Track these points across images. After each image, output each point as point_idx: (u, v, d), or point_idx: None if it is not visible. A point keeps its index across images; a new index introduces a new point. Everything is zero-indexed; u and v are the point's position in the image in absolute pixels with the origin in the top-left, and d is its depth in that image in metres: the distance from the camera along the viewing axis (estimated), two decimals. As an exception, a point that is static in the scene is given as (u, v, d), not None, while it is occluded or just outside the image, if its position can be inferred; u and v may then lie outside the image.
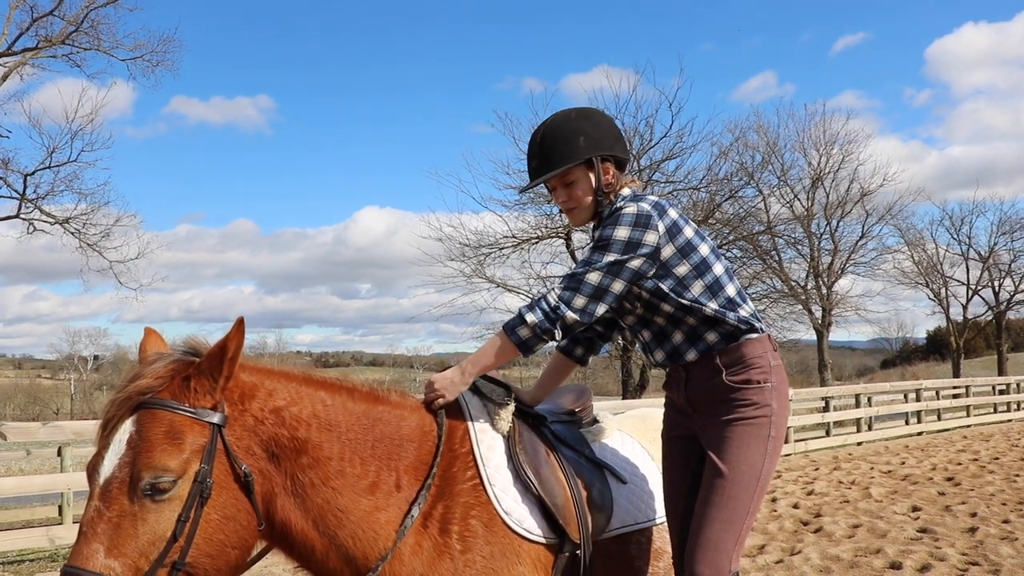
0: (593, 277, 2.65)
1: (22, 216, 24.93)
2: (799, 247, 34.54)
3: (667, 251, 2.70)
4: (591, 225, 3.00)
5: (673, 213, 2.75)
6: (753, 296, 27.55)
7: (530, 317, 2.64)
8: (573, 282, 2.66)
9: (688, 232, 2.75)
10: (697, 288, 2.73)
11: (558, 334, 2.65)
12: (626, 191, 2.87)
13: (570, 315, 2.63)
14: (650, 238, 2.67)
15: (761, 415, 2.72)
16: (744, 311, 2.79)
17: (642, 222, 2.67)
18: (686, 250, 2.72)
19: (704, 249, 2.77)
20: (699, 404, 2.83)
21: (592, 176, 2.84)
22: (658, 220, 2.69)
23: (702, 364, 2.80)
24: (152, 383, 2.23)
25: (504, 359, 2.74)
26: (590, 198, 2.86)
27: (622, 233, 2.66)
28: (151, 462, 2.12)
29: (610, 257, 2.65)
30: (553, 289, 2.70)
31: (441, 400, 2.72)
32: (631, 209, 2.69)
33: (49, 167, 24.91)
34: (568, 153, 2.81)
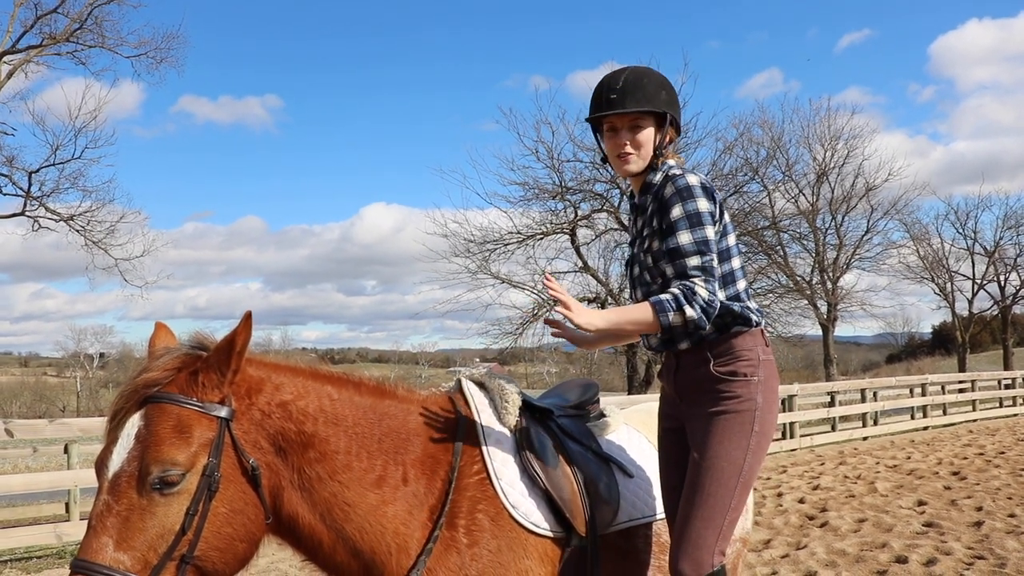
0: (713, 260, 2.65)
1: (27, 213, 24.98)
2: (804, 242, 34.47)
3: (717, 227, 2.75)
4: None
5: (718, 196, 2.79)
6: (758, 291, 27.52)
7: (690, 311, 2.56)
8: (705, 271, 2.63)
9: (726, 217, 2.81)
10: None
11: (708, 327, 2.65)
12: (672, 162, 2.87)
13: (718, 302, 2.63)
14: (715, 209, 2.72)
15: (745, 409, 2.71)
16: (750, 305, 2.81)
17: (709, 194, 2.71)
18: (723, 232, 2.78)
19: (731, 239, 2.82)
20: (686, 393, 2.83)
21: (659, 132, 2.84)
22: (714, 193, 2.74)
23: (693, 353, 2.80)
24: (160, 377, 2.24)
25: (639, 330, 2.75)
26: (650, 151, 2.84)
27: (704, 205, 2.68)
28: (159, 456, 2.13)
29: (708, 232, 2.66)
30: (693, 284, 2.60)
31: (581, 320, 2.53)
32: (694, 180, 2.70)
33: (53, 164, 24.95)
34: (653, 98, 2.82)
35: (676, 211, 2.68)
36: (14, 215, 25.15)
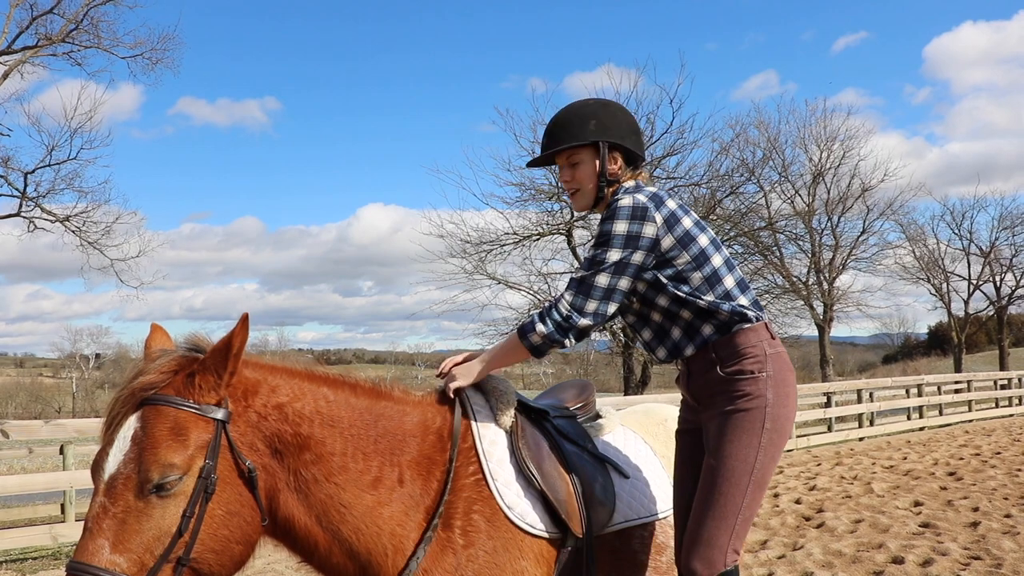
0: (601, 280, 2.68)
1: (23, 214, 24.93)
2: (800, 243, 34.57)
3: (666, 242, 2.70)
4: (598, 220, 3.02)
5: (671, 204, 2.76)
6: (754, 292, 27.52)
7: (540, 328, 2.69)
8: (583, 287, 2.69)
9: (687, 223, 2.75)
10: (695, 280, 2.73)
11: (569, 342, 2.71)
12: (629, 183, 2.87)
13: (583, 322, 2.68)
14: (648, 230, 2.68)
15: (754, 406, 2.70)
16: (742, 300, 2.78)
17: (639, 214, 2.68)
18: (685, 241, 2.72)
19: (703, 240, 2.76)
20: (700, 398, 2.84)
21: (597, 161, 2.86)
22: (655, 211, 2.69)
23: (700, 358, 2.80)
24: (156, 379, 2.23)
25: (517, 359, 2.83)
26: (592, 183, 2.88)
27: (620, 228, 2.67)
28: (156, 458, 2.12)
29: (613, 255, 2.67)
30: (563, 296, 2.72)
31: (454, 384, 2.77)
32: (626, 202, 2.70)
33: (49, 165, 24.89)
34: (577, 133, 2.85)
35: (597, 229, 2.76)
36: (10, 216, 25.09)
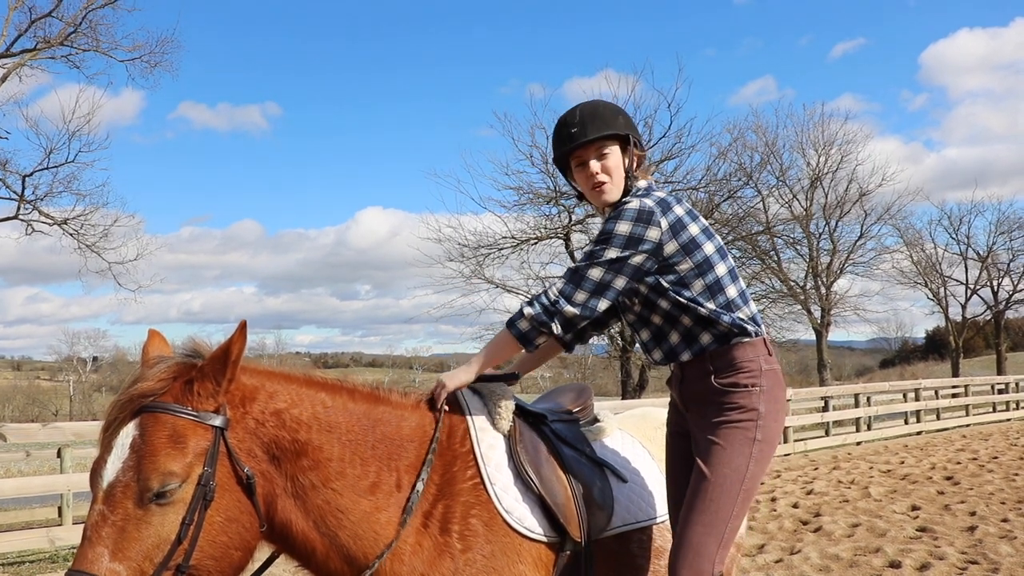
0: (595, 273, 2.67)
1: (20, 217, 24.92)
2: (798, 247, 34.58)
3: (670, 247, 2.69)
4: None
5: (679, 209, 2.75)
6: (752, 296, 27.48)
7: (528, 310, 2.69)
8: (575, 277, 2.69)
9: (694, 229, 2.74)
10: (697, 287, 2.73)
11: (556, 328, 2.68)
12: (642, 183, 2.89)
13: (569, 309, 2.66)
14: (652, 234, 2.67)
15: (747, 419, 2.72)
16: (743, 313, 2.79)
17: (644, 218, 2.67)
18: (689, 247, 2.72)
19: (709, 248, 2.76)
20: (690, 404, 2.85)
21: (625, 157, 2.87)
22: (661, 216, 2.68)
23: (695, 365, 2.81)
24: (154, 386, 2.23)
25: (508, 353, 2.79)
26: (621, 175, 2.86)
27: (623, 228, 2.66)
28: (155, 466, 2.13)
29: (611, 253, 2.66)
30: (555, 284, 2.73)
31: (441, 391, 2.74)
32: (634, 204, 2.70)
33: (47, 168, 24.92)
34: (612, 123, 2.85)
35: (601, 227, 2.75)
36: (8, 219, 25.09)
